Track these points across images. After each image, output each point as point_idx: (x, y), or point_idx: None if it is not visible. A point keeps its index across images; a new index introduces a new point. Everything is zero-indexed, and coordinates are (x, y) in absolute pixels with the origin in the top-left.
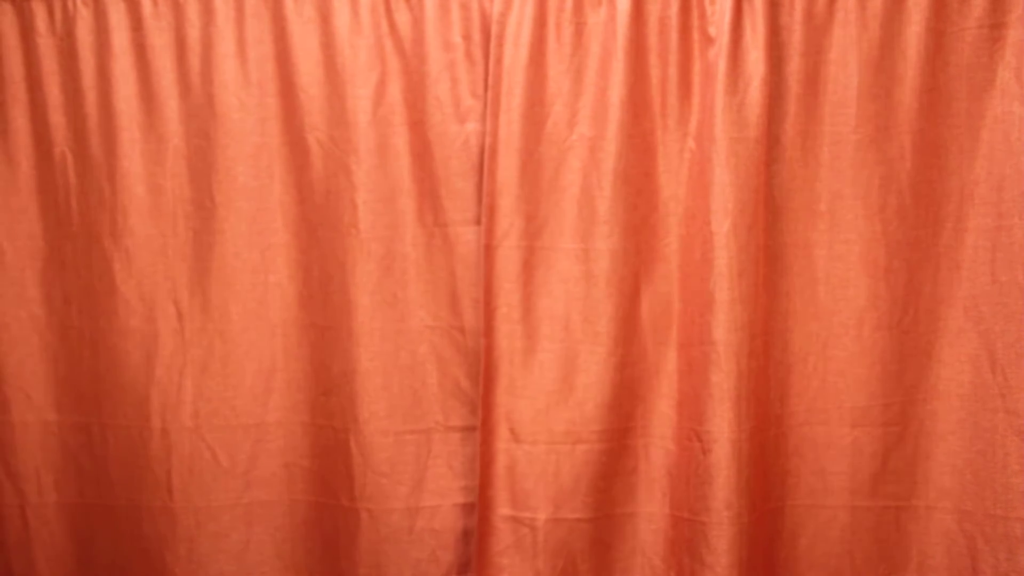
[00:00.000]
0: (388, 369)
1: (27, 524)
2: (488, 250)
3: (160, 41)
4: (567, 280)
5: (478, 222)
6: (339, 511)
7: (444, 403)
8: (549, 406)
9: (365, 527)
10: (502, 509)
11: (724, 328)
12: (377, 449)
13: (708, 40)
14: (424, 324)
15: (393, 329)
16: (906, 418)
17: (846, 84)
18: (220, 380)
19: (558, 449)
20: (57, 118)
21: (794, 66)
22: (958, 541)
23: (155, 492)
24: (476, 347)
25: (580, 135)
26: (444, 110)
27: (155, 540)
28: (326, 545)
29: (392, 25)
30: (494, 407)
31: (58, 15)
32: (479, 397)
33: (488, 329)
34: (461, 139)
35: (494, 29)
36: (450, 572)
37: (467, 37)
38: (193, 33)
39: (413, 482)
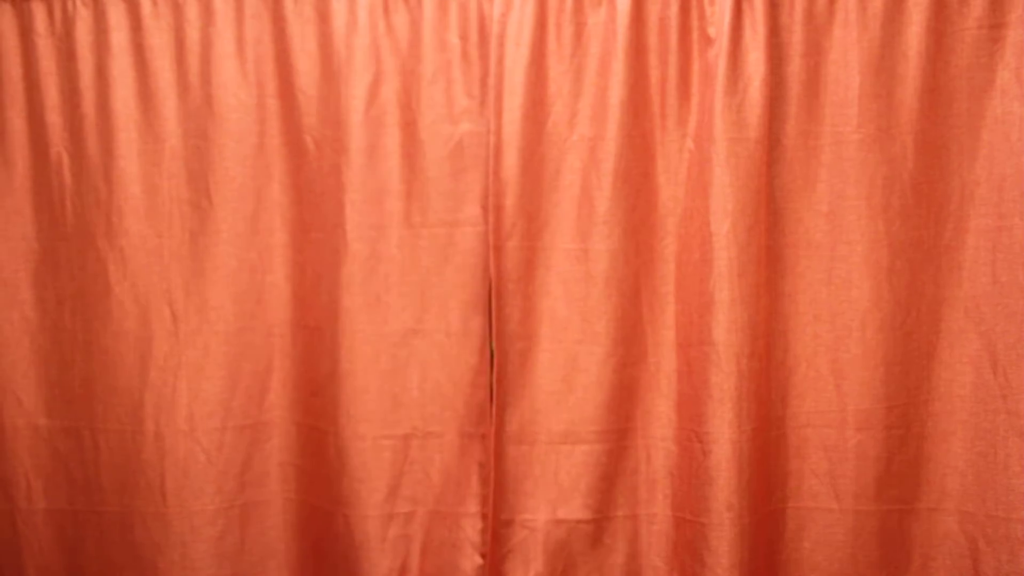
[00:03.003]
0: (368, 372)
1: (16, 531)
2: (496, 250)
3: (159, 41)
4: (567, 280)
5: (469, 223)
6: (323, 514)
7: (424, 408)
8: (549, 406)
9: (342, 532)
10: (502, 511)
11: (724, 329)
12: (354, 453)
13: (708, 40)
14: (406, 327)
15: (375, 332)
16: (908, 420)
17: (847, 84)
18: (215, 382)
19: (558, 450)
20: (54, 118)
21: (794, 66)
22: (959, 543)
23: (148, 497)
24: (460, 351)
25: (580, 135)
26: (438, 110)
27: (148, 546)
28: (315, 547)
29: (389, 25)
30: (499, 408)
31: (57, 15)
32: (462, 401)
33: (498, 331)
34: (455, 140)
35: (495, 29)
36: None
37: (464, 38)
38: (192, 33)
39: (388, 489)
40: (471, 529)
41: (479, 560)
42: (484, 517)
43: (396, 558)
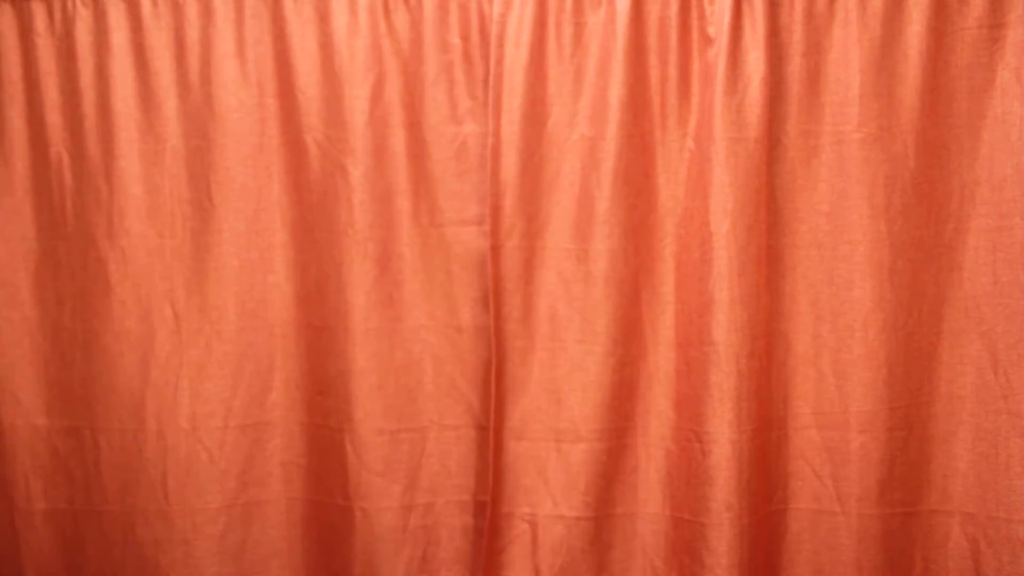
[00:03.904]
0: (383, 368)
1: (15, 531)
2: (493, 250)
3: (159, 41)
4: (567, 280)
5: (475, 223)
6: (334, 510)
7: (439, 401)
8: (550, 404)
9: (359, 526)
10: (502, 506)
11: (724, 328)
12: (372, 448)
13: (707, 40)
14: (419, 323)
15: (389, 328)
16: (910, 422)
17: (847, 83)
18: (217, 381)
19: (558, 447)
20: (54, 118)
21: (794, 66)
22: (961, 544)
23: (150, 496)
24: (472, 346)
25: (580, 135)
26: (441, 111)
27: (150, 544)
28: (321, 544)
29: (390, 26)
30: (499, 405)
31: (57, 15)
32: (475, 395)
33: (497, 329)
34: (459, 140)
35: (494, 30)
36: (441, 569)
37: (465, 38)
38: (192, 33)
39: (407, 480)
40: (482, 519)
41: (484, 544)
42: (485, 502)
43: (416, 547)
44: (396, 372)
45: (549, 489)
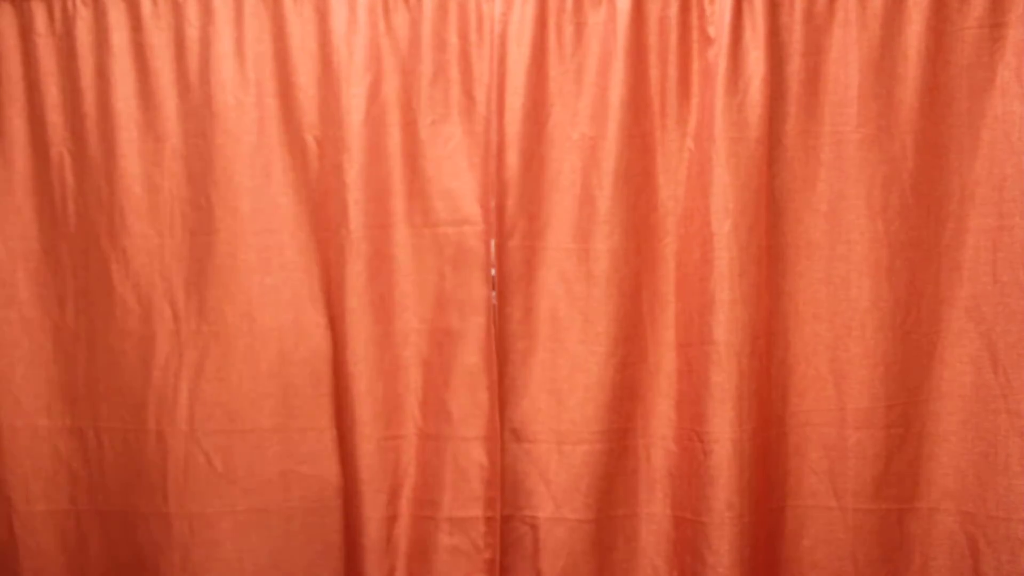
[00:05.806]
0: (373, 373)
1: (12, 532)
2: (498, 250)
3: (159, 40)
4: (568, 280)
5: (468, 223)
6: (331, 518)
7: (426, 408)
8: (551, 406)
9: (351, 535)
10: (503, 509)
11: (725, 328)
12: (359, 455)
13: (708, 40)
14: (410, 327)
15: (380, 331)
16: (908, 420)
17: (847, 84)
18: (216, 384)
19: (559, 449)
20: (55, 118)
21: (794, 66)
22: (960, 543)
23: (150, 497)
24: (462, 351)
25: (581, 134)
26: (437, 110)
27: (149, 546)
28: (322, 553)
29: (389, 25)
30: (500, 406)
31: (58, 15)
32: (462, 401)
33: (498, 329)
34: (455, 140)
35: (496, 29)
36: None
37: (464, 37)
38: (192, 33)
39: (391, 490)
40: (473, 528)
41: (481, 558)
42: (487, 516)
43: (399, 558)
44: (385, 377)
45: (551, 491)
